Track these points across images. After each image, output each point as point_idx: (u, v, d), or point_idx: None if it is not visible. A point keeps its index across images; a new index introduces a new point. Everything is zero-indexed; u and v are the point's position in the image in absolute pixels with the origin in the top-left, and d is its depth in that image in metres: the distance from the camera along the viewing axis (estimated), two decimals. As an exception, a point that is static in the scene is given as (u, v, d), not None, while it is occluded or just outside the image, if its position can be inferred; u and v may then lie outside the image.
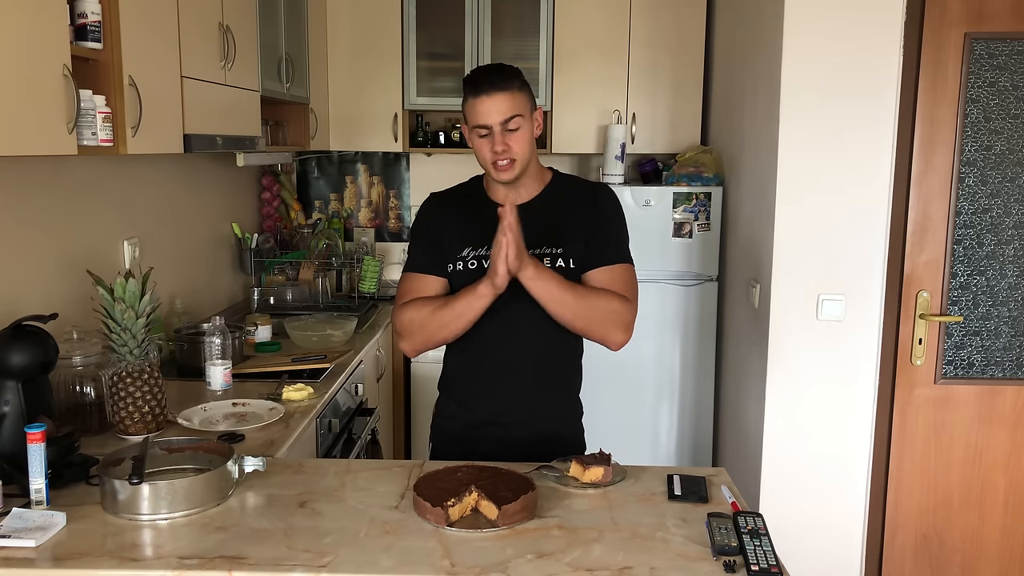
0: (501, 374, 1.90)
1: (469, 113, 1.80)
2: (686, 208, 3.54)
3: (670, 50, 3.78)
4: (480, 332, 1.84)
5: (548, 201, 1.88)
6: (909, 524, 2.94)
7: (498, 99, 1.76)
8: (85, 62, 1.86)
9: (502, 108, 1.76)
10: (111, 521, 1.52)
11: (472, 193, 1.94)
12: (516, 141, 1.78)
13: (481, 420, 1.92)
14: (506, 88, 1.77)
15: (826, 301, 2.77)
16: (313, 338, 2.92)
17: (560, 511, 1.59)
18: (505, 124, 1.77)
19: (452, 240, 1.87)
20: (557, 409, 1.96)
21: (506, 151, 1.77)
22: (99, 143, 1.85)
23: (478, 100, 1.77)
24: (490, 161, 1.80)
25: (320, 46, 3.74)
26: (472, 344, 1.88)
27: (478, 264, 1.84)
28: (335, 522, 1.52)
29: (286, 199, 4.10)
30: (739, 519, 1.50)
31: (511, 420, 1.91)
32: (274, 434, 2.04)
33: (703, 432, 3.70)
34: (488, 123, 1.77)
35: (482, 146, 1.80)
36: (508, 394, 1.91)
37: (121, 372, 1.93)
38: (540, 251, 1.82)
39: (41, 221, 2.21)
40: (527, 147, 1.81)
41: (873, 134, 2.69)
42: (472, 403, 1.94)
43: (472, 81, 1.80)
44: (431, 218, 1.93)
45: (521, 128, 1.79)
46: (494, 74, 1.79)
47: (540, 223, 1.84)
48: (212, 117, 2.47)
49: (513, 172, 1.81)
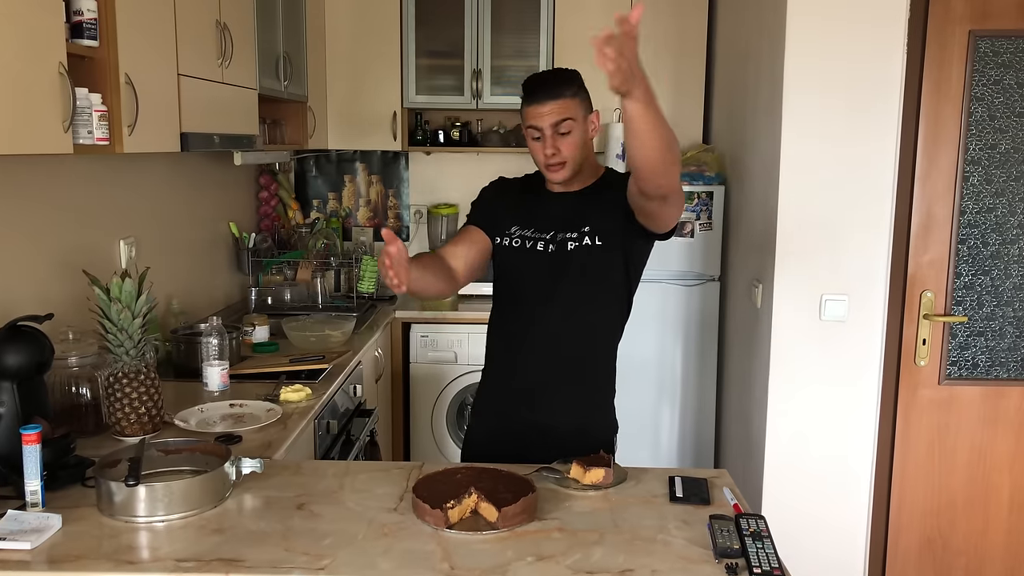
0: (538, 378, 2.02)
1: (524, 116, 1.91)
2: (688, 207, 3.54)
3: (672, 48, 3.78)
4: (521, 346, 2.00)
5: (593, 191, 1.98)
6: (913, 526, 2.94)
7: (549, 105, 1.86)
8: (81, 60, 1.86)
9: (553, 113, 1.86)
10: (107, 523, 1.52)
11: (534, 181, 2.08)
12: (566, 144, 1.88)
13: (515, 408, 2.03)
14: (558, 95, 1.87)
15: (829, 301, 2.77)
16: (311, 338, 2.92)
17: (560, 513, 1.59)
18: (556, 127, 1.87)
19: (503, 216, 2.02)
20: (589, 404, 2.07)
21: (556, 154, 1.88)
22: (95, 142, 1.85)
23: (531, 106, 1.88)
24: (543, 163, 1.92)
25: (318, 44, 3.74)
26: (510, 360, 2.03)
27: (521, 243, 1.98)
28: (333, 524, 1.52)
29: (284, 198, 4.10)
30: (741, 521, 1.50)
31: (544, 407, 2.01)
32: (272, 435, 2.04)
33: (705, 433, 3.70)
34: (539, 125, 1.88)
35: (536, 148, 1.91)
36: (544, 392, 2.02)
37: (117, 373, 1.93)
38: (574, 233, 1.93)
39: (37, 220, 2.21)
40: (578, 150, 1.90)
41: (877, 132, 2.68)
42: (507, 403, 2.05)
43: (528, 87, 1.91)
44: (493, 192, 2.11)
45: (572, 132, 1.88)
46: (549, 80, 1.91)
47: (579, 207, 1.95)
48: (209, 115, 2.47)
49: (564, 173, 1.91)
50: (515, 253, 1.98)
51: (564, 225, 1.95)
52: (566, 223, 1.94)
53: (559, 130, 1.87)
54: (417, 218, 4.27)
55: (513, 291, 2.02)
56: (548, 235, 1.96)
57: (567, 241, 1.93)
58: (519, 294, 2.00)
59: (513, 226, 2.00)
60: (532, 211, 2.00)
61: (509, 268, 2.01)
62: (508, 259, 1.99)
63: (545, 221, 1.97)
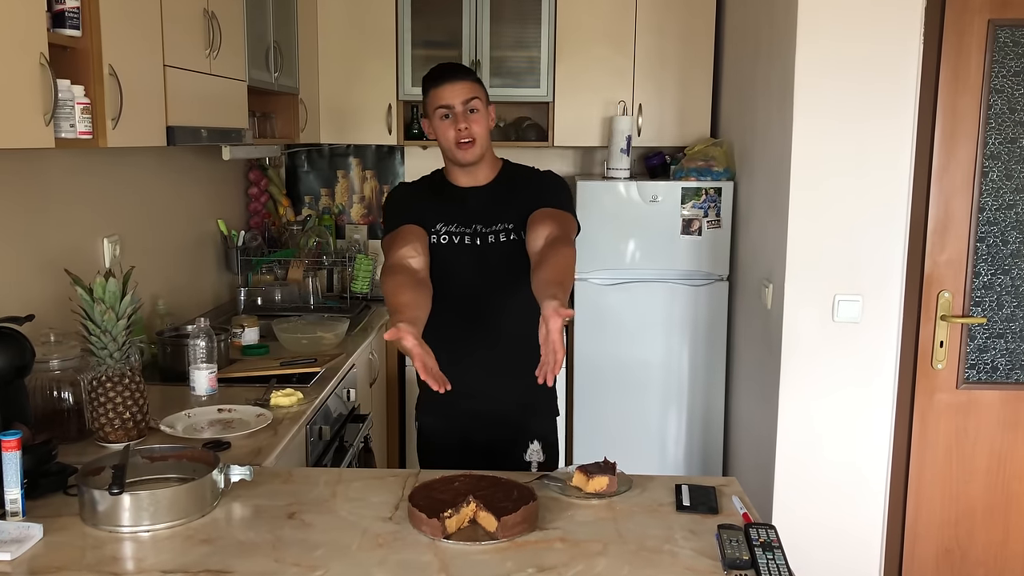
0: (472, 359, 2.10)
1: (431, 101, 2.07)
2: (695, 204, 3.55)
3: (678, 37, 3.78)
4: (452, 320, 2.07)
5: (501, 184, 2.15)
6: (930, 536, 2.94)
7: (459, 85, 2.05)
8: (63, 50, 1.86)
9: (463, 91, 2.05)
10: (90, 533, 1.52)
11: (436, 181, 2.21)
12: (476, 122, 2.06)
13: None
14: (465, 76, 2.08)
15: (842, 302, 2.77)
16: (303, 341, 2.92)
17: (563, 523, 1.59)
18: (466, 104, 2.04)
19: (425, 215, 2.11)
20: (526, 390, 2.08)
21: (467, 130, 2.04)
22: (78, 136, 1.85)
23: (441, 87, 2.06)
24: (453, 141, 2.05)
25: (310, 34, 3.74)
26: (444, 334, 2.05)
27: (449, 239, 2.09)
28: (326, 534, 1.53)
29: (274, 194, 4.11)
30: (751, 531, 1.50)
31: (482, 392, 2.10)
32: (262, 442, 2.04)
33: (713, 440, 3.70)
34: (451, 102, 2.04)
35: (446, 128, 2.06)
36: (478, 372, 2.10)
37: (101, 376, 1.93)
38: (496, 227, 2.08)
39: (16, 218, 2.21)
40: (485, 130, 2.08)
41: (892, 126, 2.69)
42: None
43: (433, 74, 2.09)
44: (405, 193, 2.20)
45: (479, 111, 2.07)
46: (453, 65, 2.13)
47: (494, 202, 2.12)
48: (196, 108, 2.47)
49: (474, 151, 2.06)
50: (444, 250, 2.08)
51: (485, 218, 2.09)
52: (485, 217, 2.09)
53: (469, 107, 2.04)
54: (413, 215, 4.26)
55: (443, 287, 2.03)
56: (471, 229, 2.09)
57: (488, 235, 2.08)
58: (450, 290, 2.06)
59: (438, 223, 2.10)
60: (450, 207, 2.12)
61: (440, 265, 2.07)
62: (437, 256, 2.07)
63: (465, 216, 2.10)
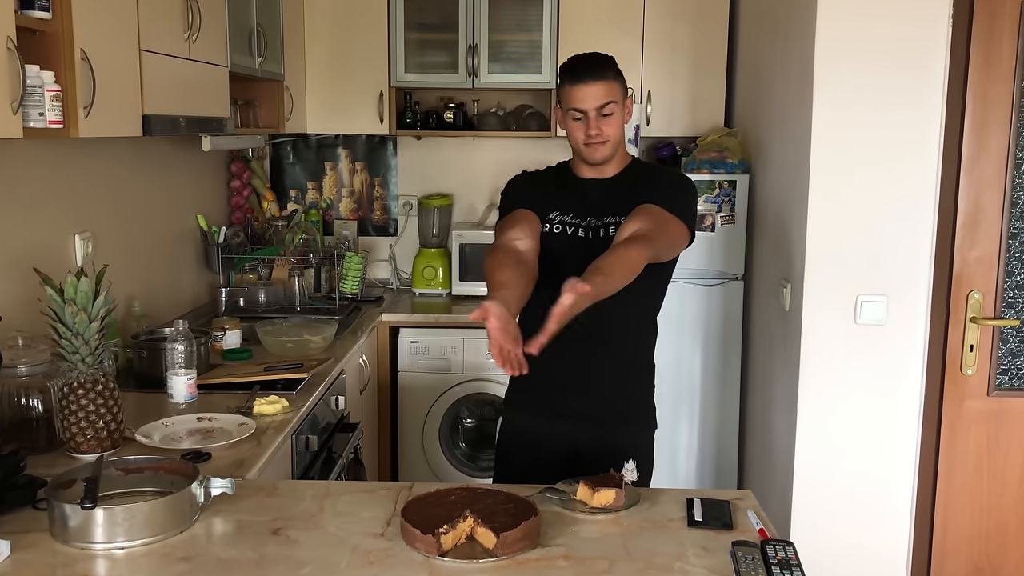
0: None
1: (565, 98, 2.12)
2: (708, 198, 3.55)
3: (690, 20, 3.78)
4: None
5: (624, 179, 2.19)
6: (959, 553, 2.94)
7: (595, 87, 2.08)
8: (32, 34, 1.86)
9: (598, 95, 2.08)
10: (61, 551, 1.52)
11: (561, 171, 2.29)
12: (609, 125, 2.10)
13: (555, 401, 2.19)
14: (603, 77, 2.09)
15: (865, 303, 2.77)
16: (288, 344, 2.92)
17: (566, 539, 1.59)
18: (600, 110, 2.08)
19: (540, 204, 2.18)
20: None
21: (599, 134, 2.09)
22: (47, 125, 1.85)
23: (576, 88, 2.09)
24: (582, 142, 2.11)
25: (296, 16, 3.74)
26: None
27: (562, 228, 2.15)
28: (313, 552, 1.52)
29: (258, 188, 4.10)
30: (767, 548, 1.50)
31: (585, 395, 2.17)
32: (244, 452, 2.04)
33: (727, 450, 3.70)
34: (584, 108, 2.08)
35: (576, 129, 2.12)
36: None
37: (72, 383, 1.93)
38: (607, 219, 2.13)
39: (-18, 213, 2.21)
40: (619, 130, 2.13)
41: (918, 115, 2.69)
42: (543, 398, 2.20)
43: (570, 69, 2.12)
44: (525, 180, 2.28)
45: (614, 114, 2.11)
46: (592, 62, 2.12)
47: (612, 196, 2.16)
48: (175, 96, 2.47)
49: (604, 151, 2.12)
50: (556, 239, 2.14)
51: (599, 211, 2.14)
52: (601, 209, 2.14)
53: (603, 112, 2.08)
54: (406, 210, 4.27)
55: (552, 279, 2.01)
56: (585, 221, 2.15)
57: (603, 227, 2.12)
58: (557, 279, 2.01)
59: (552, 211, 2.17)
60: (568, 197, 2.18)
61: (549, 255, 2.12)
62: (548, 245, 2.13)
63: (581, 207, 2.16)
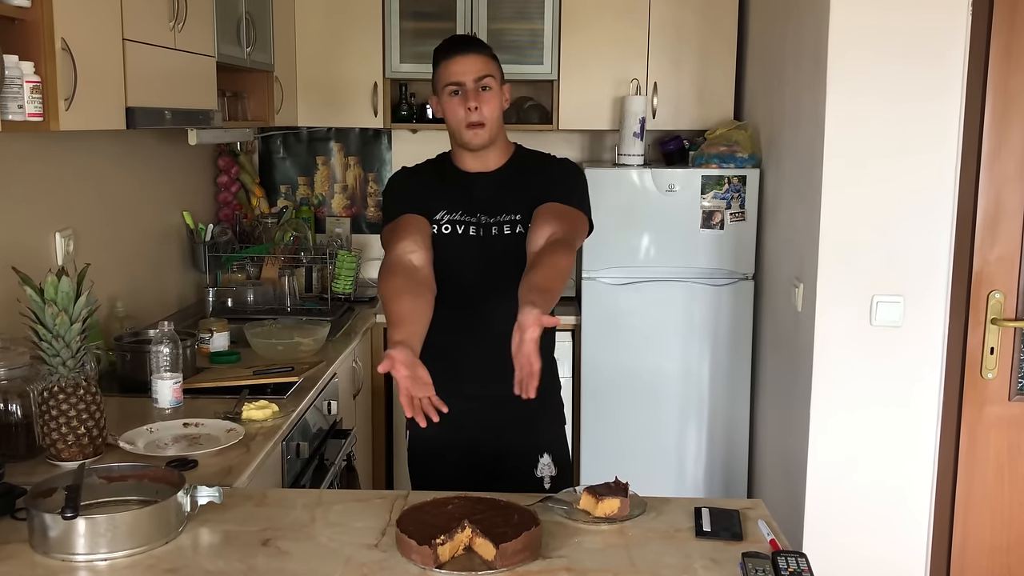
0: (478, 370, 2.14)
1: (441, 75, 2.09)
2: (717, 194, 3.55)
3: (698, 8, 3.78)
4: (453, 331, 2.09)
5: (511, 170, 2.18)
6: (979, 565, 2.94)
7: (472, 58, 2.07)
8: (10, 22, 1.86)
9: (476, 66, 2.07)
10: (40, 562, 1.52)
11: (442, 164, 2.24)
12: (487, 102, 2.07)
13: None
14: (479, 50, 2.10)
15: (881, 303, 2.77)
16: (278, 347, 2.93)
17: (568, 550, 1.59)
18: (478, 82, 2.06)
19: (426, 203, 2.14)
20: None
21: (478, 110, 2.05)
22: (26, 118, 1.85)
23: (451, 60, 2.07)
24: (463, 122, 2.07)
25: (286, 4, 3.74)
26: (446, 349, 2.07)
27: (452, 228, 2.12)
28: (304, 563, 1.53)
29: (246, 183, 4.11)
30: (779, 560, 1.50)
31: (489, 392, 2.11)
32: (232, 460, 2.04)
33: (736, 457, 3.70)
34: (462, 80, 2.06)
35: (455, 106, 2.08)
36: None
37: (53, 387, 1.93)
38: (500, 218, 2.12)
39: (-42, 209, 2.21)
40: (497, 111, 2.10)
41: (936, 107, 2.69)
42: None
43: (444, 46, 2.12)
44: (406, 178, 2.23)
45: (492, 89, 2.08)
46: (467, 38, 2.16)
47: (501, 190, 2.14)
48: (160, 87, 2.47)
49: (483, 136, 2.09)
50: (447, 240, 2.11)
51: (489, 208, 2.12)
52: (491, 206, 2.12)
53: (481, 84, 2.06)
54: (401, 207, 4.26)
55: (443, 280, 2.05)
56: (475, 218, 2.13)
57: (492, 226, 2.11)
58: (450, 284, 2.07)
59: (440, 210, 2.14)
60: (454, 193, 2.15)
61: (441, 256, 2.09)
62: (440, 247, 2.10)
63: (469, 203, 2.13)
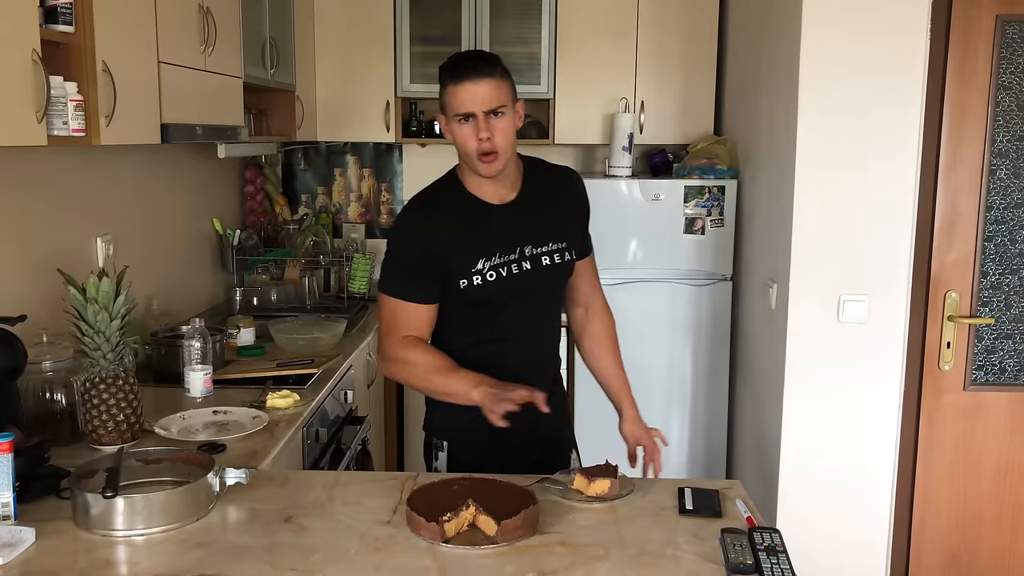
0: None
1: (450, 101, 1.79)
2: (698, 203, 3.55)
3: (681, 32, 3.78)
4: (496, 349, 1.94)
5: (534, 193, 1.95)
6: (937, 541, 2.94)
7: (483, 85, 1.76)
8: (56, 47, 1.86)
9: (487, 95, 1.76)
10: (83, 537, 1.52)
11: (454, 194, 1.91)
12: (500, 131, 1.78)
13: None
14: (491, 74, 1.78)
15: (848, 302, 2.77)
16: (299, 342, 2.92)
17: (563, 526, 1.59)
18: (489, 112, 1.78)
19: (457, 255, 1.86)
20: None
21: (491, 139, 1.77)
22: (71, 133, 1.85)
23: (460, 87, 1.76)
24: (476, 152, 1.79)
25: (307, 29, 3.74)
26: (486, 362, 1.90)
27: (496, 275, 1.86)
28: (322, 538, 1.53)
29: (270, 193, 4.10)
30: (755, 535, 1.50)
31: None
32: (257, 444, 2.04)
33: (716, 442, 3.70)
34: (471, 110, 1.77)
35: (465, 135, 1.79)
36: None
37: (94, 378, 1.93)
38: (549, 247, 1.93)
39: (8, 217, 2.21)
40: (511, 136, 1.81)
41: (898, 123, 2.68)
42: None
43: (452, 68, 1.80)
44: (418, 241, 1.88)
45: (506, 116, 1.79)
46: (477, 59, 1.82)
47: (536, 217, 1.94)
48: (191, 105, 2.47)
49: (497, 165, 1.82)
50: (493, 287, 1.86)
51: (526, 238, 1.90)
52: (527, 236, 1.90)
53: (495, 112, 1.78)
54: (411, 214, 4.26)
55: (488, 316, 1.92)
56: (516, 252, 1.89)
57: (543, 256, 1.91)
58: (495, 316, 1.92)
59: (479, 260, 1.86)
60: (489, 237, 1.88)
61: (483, 300, 1.88)
62: (481, 293, 1.86)
63: (509, 242, 1.89)
